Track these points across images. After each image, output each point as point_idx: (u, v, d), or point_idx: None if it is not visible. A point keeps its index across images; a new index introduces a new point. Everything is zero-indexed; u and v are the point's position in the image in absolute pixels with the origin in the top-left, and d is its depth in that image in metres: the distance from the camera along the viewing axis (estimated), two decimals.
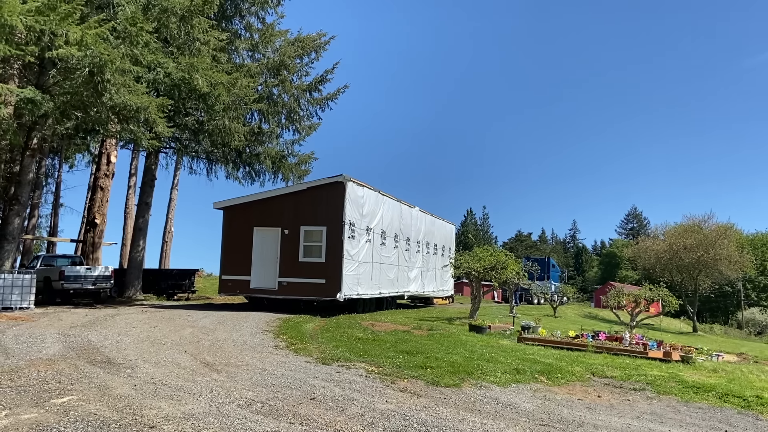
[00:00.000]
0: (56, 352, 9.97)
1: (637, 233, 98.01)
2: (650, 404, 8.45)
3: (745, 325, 58.95)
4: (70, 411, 6.18)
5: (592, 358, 12.46)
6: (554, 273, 56.52)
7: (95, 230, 28.00)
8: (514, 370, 10.17)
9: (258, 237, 20.35)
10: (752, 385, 10.21)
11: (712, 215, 53.55)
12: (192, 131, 23.92)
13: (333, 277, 19.34)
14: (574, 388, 9.21)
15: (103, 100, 16.60)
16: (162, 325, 14.20)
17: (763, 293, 71.39)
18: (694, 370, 11.95)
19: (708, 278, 49.55)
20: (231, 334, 13.19)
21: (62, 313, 17.02)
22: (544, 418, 7.21)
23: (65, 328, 13.06)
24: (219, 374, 8.63)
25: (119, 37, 16.54)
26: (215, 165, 28.32)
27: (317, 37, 27.80)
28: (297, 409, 6.80)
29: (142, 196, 27.28)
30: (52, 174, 37.41)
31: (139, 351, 10.36)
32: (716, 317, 67.10)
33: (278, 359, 10.22)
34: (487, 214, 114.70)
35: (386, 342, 12.87)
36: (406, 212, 25.58)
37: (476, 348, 12.76)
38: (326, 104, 28.43)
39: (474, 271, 21.17)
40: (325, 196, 19.95)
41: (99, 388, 7.32)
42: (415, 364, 10.13)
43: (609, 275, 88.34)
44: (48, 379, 7.71)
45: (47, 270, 21.92)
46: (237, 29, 25.91)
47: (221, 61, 21.71)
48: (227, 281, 20.56)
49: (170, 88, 19.23)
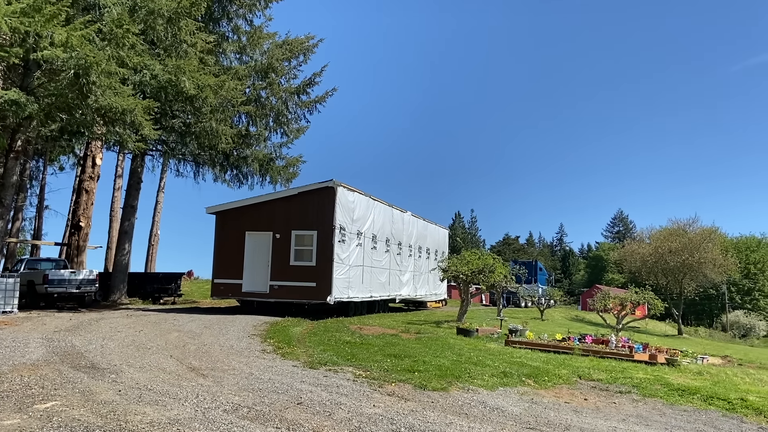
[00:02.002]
0: (40, 356, 9.84)
1: (623, 237, 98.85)
2: (636, 407, 8.50)
3: (730, 327, 59.52)
4: (54, 417, 6.10)
5: (578, 361, 12.52)
6: (541, 276, 56.86)
7: (80, 233, 27.70)
8: (501, 374, 10.19)
9: (250, 241, 20.56)
10: (737, 388, 10.30)
11: (697, 219, 54.11)
12: (179, 134, 23.74)
13: (323, 280, 19.51)
14: (560, 391, 9.25)
15: (88, 102, 16.46)
16: (147, 330, 14.08)
17: (747, 296, 72.17)
18: (679, 372, 12.04)
19: (693, 281, 50.04)
20: (217, 338, 13.10)
21: (46, 317, 16.82)
22: (531, 421, 7.22)
23: (49, 333, 12.90)
24: (205, 379, 8.56)
25: (105, 38, 16.41)
26: (202, 168, 28.14)
27: (305, 40, 27.75)
28: (284, 413, 6.76)
29: (128, 198, 27.05)
30: (37, 176, 37.05)
31: (124, 356, 10.26)
32: (701, 320, 67.77)
33: (265, 363, 10.16)
34: (475, 218, 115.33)
35: (374, 346, 12.84)
36: (397, 217, 25.69)
37: (464, 351, 12.77)
38: (314, 107, 28.36)
39: (462, 275, 21.19)
40: (315, 201, 20.15)
41: (83, 394, 7.24)
42: (403, 367, 10.12)
43: (595, 278, 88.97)
44: (31, 385, 7.61)
45: (31, 273, 21.67)
46: (224, 32, 25.81)
47: (208, 63, 21.61)
48: (219, 285, 20.72)
49: (157, 91, 19.11)
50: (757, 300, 71.74)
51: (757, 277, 73.18)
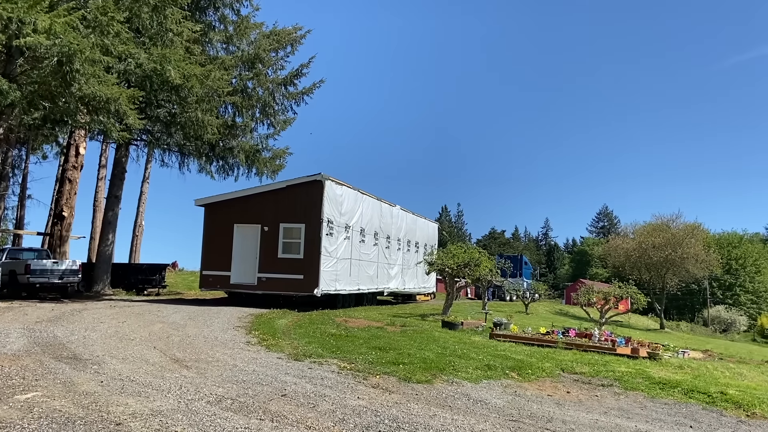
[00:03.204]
0: (21, 347, 9.73)
1: (607, 232, 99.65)
2: (618, 400, 8.59)
3: (711, 322, 60.31)
4: (35, 407, 6.04)
5: (562, 354, 12.62)
6: (527, 270, 57.19)
7: (63, 223, 27.38)
8: (485, 366, 10.25)
9: (238, 233, 20.75)
10: (717, 382, 10.44)
11: (680, 215, 54.76)
12: (164, 123, 23.52)
13: (311, 273, 19.70)
14: (544, 384, 9.32)
15: (72, 90, 16.23)
16: (131, 321, 13.98)
17: (729, 292, 73.04)
18: (660, 366, 12.17)
19: (675, 276, 50.61)
20: (202, 329, 13.04)
21: (28, 307, 16.63)
22: (514, 413, 7.27)
23: (30, 323, 12.77)
24: (188, 370, 8.52)
25: (89, 26, 16.17)
26: (188, 158, 27.89)
27: (293, 31, 27.55)
28: (268, 405, 6.74)
29: (112, 188, 26.79)
30: (19, 165, 36.57)
31: (107, 347, 10.18)
32: (683, 315, 68.50)
33: (250, 355, 10.13)
34: (462, 212, 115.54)
35: (359, 338, 12.85)
36: (386, 210, 25.76)
37: (448, 344, 12.82)
38: (301, 99, 28.19)
39: (448, 268, 21.27)
40: (304, 194, 20.35)
41: (64, 385, 7.17)
42: (388, 360, 10.14)
43: (580, 273, 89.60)
44: (12, 375, 7.53)
45: (13, 263, 21.41)
46: (211, 21, 25.53)
47: (195, 53, 21.39)
48: (208, 276, 20.95)
49: (142, 80, 18.90)
50: (738, 295, 72.66)
51: (738, 273, 74.09)
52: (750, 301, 72.75)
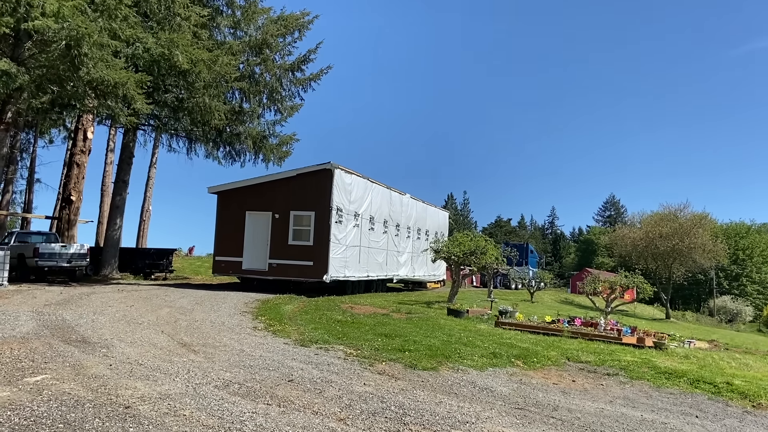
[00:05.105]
0: (30, 330, 9.82)
1: (614, 221, 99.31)
2: (623, 389, 8.60)
3: (717, 312, 60.17)
4: (44, 390, 6.10)
5: (567, 343, 12.63)
6: (532, 259, 57.13)
7: (71, 207, 27.50)
8: (491, 354, 10.27)
9: (250, 220, 21.23)
10: (723, 372, 10.43)
11: (688, 204, 54.44)
12: (171, 108, 23.49)
13: (320, 259, 20.06)
14: (549, 373, 9.33)
15: (79, 74, 16.22)
16: (138, 305, 14.07)
17: (735, 282, 72.86)
18: (666, 356, 12.17)
19: (682, 266, 50.41)
20: (209, 314, 13.12)
21: (36, 290, 16.77)
22: (519, 401, 7.29)
23: (39, 306, 12.87)
24: (196, 355, 8.58)
25: (97, 10, 16.14)
26: (195, 144, 27.92)
27: (301, 16, 27.37)
28: (275, 390, 6.79)
29: (120, 173, 26.85)
30: (27, 149, 36.65)
31: (115, 330, 10.26)
32: (689, 305, 68.38)
33: (256, 341, 10.19)
34: (468, 200, 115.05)
35: (365, 325, 12.90)
36: (396, 199, 25.95)
37: (454, 332, 12.85)
38: (309, 85, 28.06)
39: (454, 256, 21.28)
40: (313, 183, 20.68)
41: (73, 368, 7.24)
42: (394, 347, 10.17)
43: (586, 262, 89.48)
44: (21, 358, 7.60)
45: (21, 247, 21.52)
46: (219, 5, 25.37)
47: (202, 37, 21.32)
48: (221, 262, 21.51)
49: (149, 64, 18.86)
50: (744, 286, 72.46)
51: (745, 263, 73.86)
52: (756, 292, 72.55)
